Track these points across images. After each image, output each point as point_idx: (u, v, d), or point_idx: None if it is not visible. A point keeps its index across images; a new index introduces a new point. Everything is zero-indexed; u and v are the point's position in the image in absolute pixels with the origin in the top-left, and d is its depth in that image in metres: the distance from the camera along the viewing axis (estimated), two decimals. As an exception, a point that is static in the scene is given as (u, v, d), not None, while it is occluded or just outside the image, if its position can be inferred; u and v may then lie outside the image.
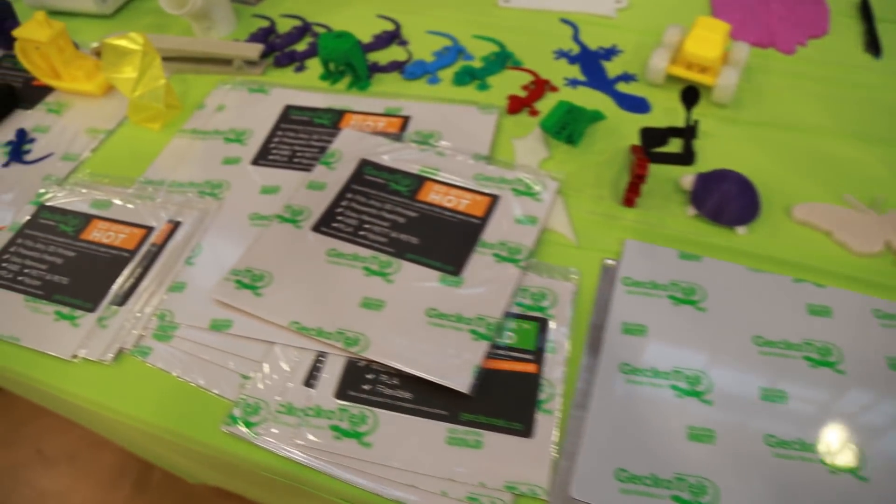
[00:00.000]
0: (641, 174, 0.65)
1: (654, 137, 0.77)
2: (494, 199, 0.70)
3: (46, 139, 0.85)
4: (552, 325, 0.61)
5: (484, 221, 0.68)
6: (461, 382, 0.56)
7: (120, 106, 0.88)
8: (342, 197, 0.72)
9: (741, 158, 0.74)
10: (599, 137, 0.78)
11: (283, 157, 0.78)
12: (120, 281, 0.67)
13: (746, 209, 0.68)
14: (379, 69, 0.89)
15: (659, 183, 0.72)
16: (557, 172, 0.73)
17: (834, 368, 0.57)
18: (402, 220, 0.69)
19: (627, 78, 0.86)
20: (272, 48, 0.94)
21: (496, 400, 0.56)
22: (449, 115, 0.81)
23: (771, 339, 0.59)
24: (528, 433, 0.54)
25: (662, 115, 0.81)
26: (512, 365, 0.58)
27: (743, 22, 0.92)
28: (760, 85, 0.84)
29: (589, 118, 0.78)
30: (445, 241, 0.67)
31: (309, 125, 0.81)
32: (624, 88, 0.85)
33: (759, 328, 0.60)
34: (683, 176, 0.71)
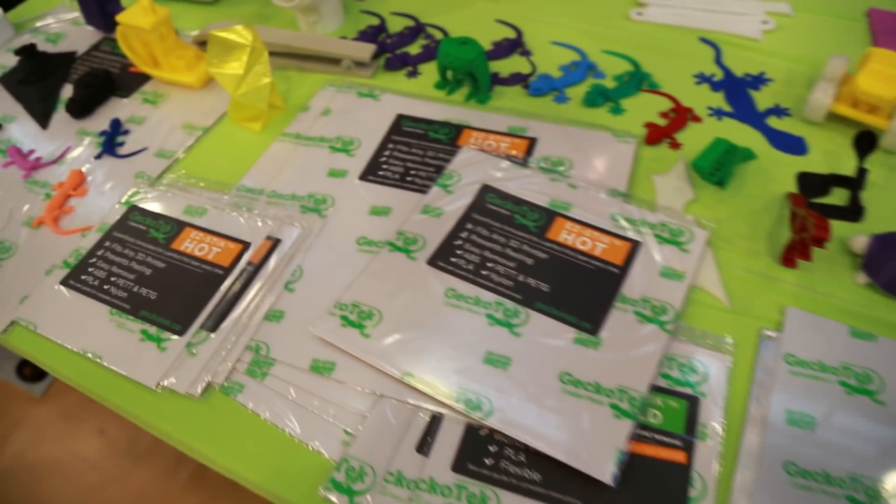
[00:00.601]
0: (822, 237, 0.55)
1: (813, 185, 0.68)
2: (635, 245, 0.62)
3: (140, 132, 0.80)
4: (704, 404, 0.52)
5: (623, 271, 0.60)
6: (602, 470, 0.48)
7: (219, 101, 0.82)
8: (461, 227, 0.64)
9: (921, 218, 0.64)
10: (749, 180, 0.69)
11: (394, 173, 0.71)
12: (213, 303, 0.61)
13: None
14: (500, 81, 0.81)
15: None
16: (707, 219, 0.64)
17: None
18: (529, 261, 0.61)
19: (780, 112, 0.76)
20: (383, 49, 0.87)
21: (639, 493, 0.48)
22: (580, 140, 0.72)
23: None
24: (677, 539, 0.46)
25: (821, 158, 0.71)
26: (657, 450, 0.50)
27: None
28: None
29: (740, 157, 0.68)
30: (580, 290, 0.58)
31: (424, 139, 0.74)
32: (776, 124, 0.75)
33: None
34: (854, 237, 0.61)
